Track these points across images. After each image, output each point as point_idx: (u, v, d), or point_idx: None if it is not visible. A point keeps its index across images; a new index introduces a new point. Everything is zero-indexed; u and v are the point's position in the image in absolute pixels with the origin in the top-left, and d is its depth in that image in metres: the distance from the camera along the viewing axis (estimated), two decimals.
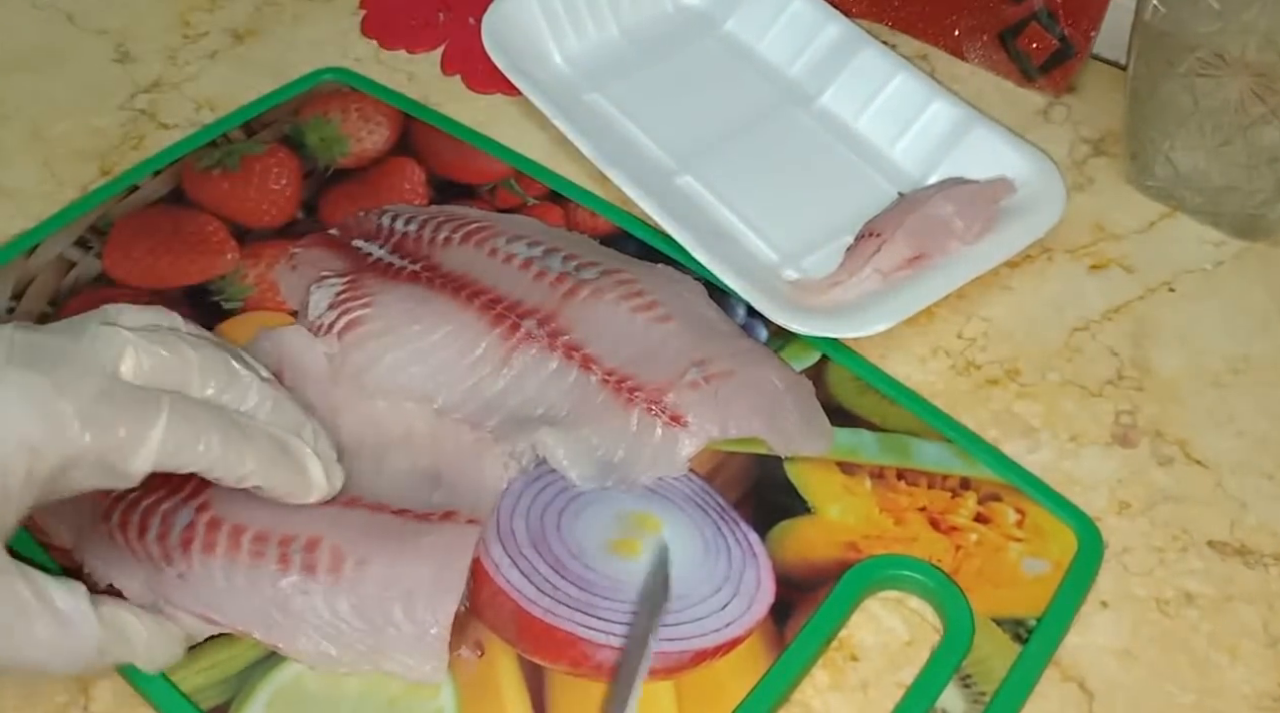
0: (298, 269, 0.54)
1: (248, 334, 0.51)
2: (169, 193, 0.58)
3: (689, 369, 0.48)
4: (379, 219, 0.56)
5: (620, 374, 0.48)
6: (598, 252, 0.54)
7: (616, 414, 0.47)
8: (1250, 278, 0.55)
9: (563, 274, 0.51)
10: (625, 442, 0.47)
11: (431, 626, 0.41)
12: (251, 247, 0.56)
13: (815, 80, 0.62)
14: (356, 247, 0.55)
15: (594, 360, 0.48)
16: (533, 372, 0.48)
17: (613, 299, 0.50)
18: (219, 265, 0.55)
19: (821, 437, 0.48)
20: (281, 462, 0.41)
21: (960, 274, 0.52)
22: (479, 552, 0.44)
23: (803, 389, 0.49)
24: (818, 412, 0.49)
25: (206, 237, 0.56)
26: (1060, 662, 0.43)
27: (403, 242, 0.54)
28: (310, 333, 0.51)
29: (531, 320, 0.50)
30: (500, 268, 0.52)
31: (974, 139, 0.57)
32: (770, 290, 0.52)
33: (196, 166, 0.59)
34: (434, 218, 0.55)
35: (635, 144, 0.60)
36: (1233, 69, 0.52)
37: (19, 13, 0.69)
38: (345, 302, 0.51)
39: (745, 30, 0.65)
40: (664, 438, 0.47)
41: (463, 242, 0.53)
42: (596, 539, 0.45)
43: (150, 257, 0.55)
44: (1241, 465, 0.48)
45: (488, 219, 0.55)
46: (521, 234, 0.54)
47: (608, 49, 0.64)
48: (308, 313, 0.51)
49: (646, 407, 0.47)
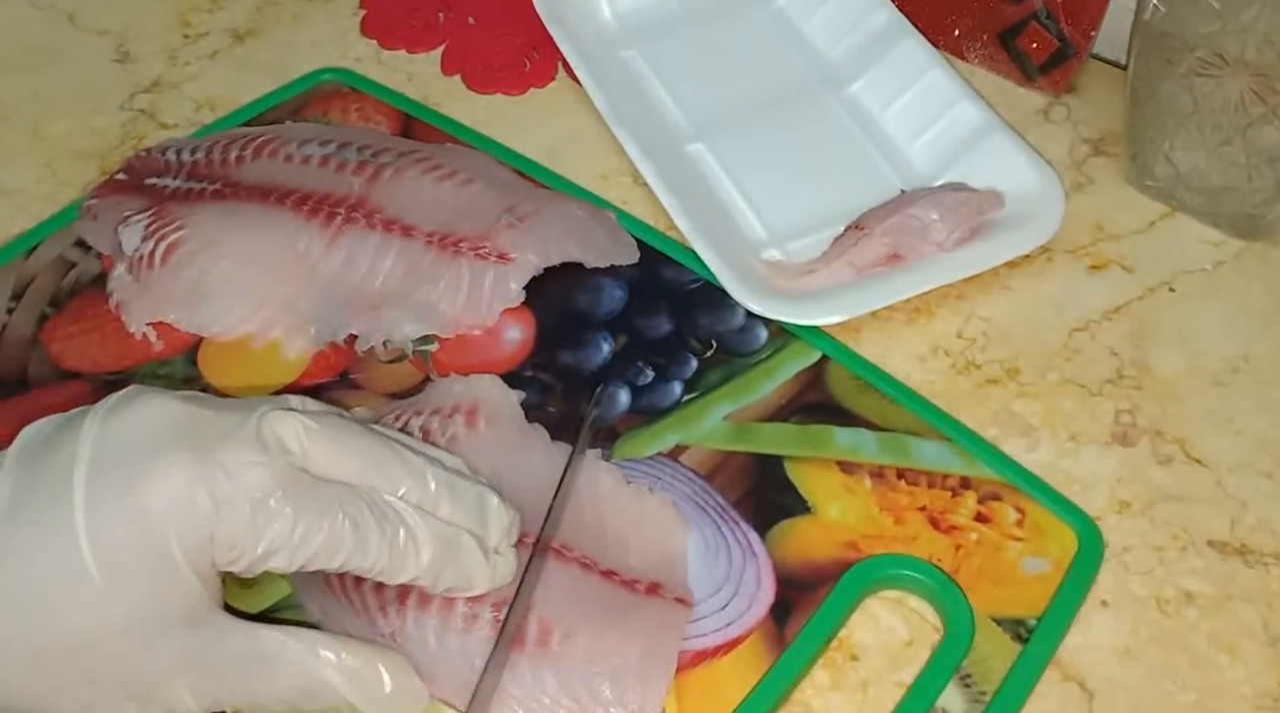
0: (99, 218, 0.55)
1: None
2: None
3: (502, 216, 0.52)
4: (163, 156, 0.57)
5: (441, 233, 0.52)
6: (388, 139, 0.58)
7: (448, 268, 0.51)
8: (1250, 278, 0.55)
9: (361, 162, 0.54)
10: (464, 289, 0.51)
11: (642, 708, 0.40)
12: None
13: (852, 66, 0.62)
14: (150, 183, 0.56)
15: (413, 228, 0.52)
16: (360, 250, 0.51)
17: (415, 174, 0.53)
18: None
19: (628, 250, 0.54)
20: (447, 563, 0.39)
21: (929, 279, 0.52)
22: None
23: (605, 217, 0.55)
24: (622, 232, 0.54)
25: None
26: (1060, 661, 0.43)
27: (195, 168, 0.56)
28: (130, 271, 0.51)
29: (343, 207, 0.52)
30: (299, 169, 0.54)
31: (990, 146, 0.57)
32: (741, 266, 0.53)
33: None
34: (219, 141, 0.57)
35: (657, 105, 0.61)
36: (1233, 69, 0.52)
37: (19, 13, 0.69)
38: (157, 230, 0.52)
39: (796, 7, 0.65)
40: (497, 277, 0.51)
41: (255, 155, 0.55)
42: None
43: None
44: (1241, 465, 0.48)
45: (272, 130, 0.57)
46: (310, 137, 0.56)
47: (658, 8, 0.65)
48: (122, 253, 0.52)
49: (475, 255, 0.51)
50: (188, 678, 0.36)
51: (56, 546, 0.34)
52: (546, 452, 0.47)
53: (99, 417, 0.36)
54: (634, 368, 0.51)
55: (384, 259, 0.51)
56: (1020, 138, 0.57)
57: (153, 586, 0.35)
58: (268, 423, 0.37)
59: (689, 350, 0.51)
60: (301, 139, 0.55)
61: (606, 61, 0.62)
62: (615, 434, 0.48)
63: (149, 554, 0.35)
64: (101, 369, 0.51)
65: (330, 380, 0.50)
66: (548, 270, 0.52)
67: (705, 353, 0.51)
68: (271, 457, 0.36)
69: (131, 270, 0.52)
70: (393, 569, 0.38)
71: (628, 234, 0.55)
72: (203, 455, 0.35)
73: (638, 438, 0.48)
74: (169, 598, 0.35)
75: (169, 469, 0.35)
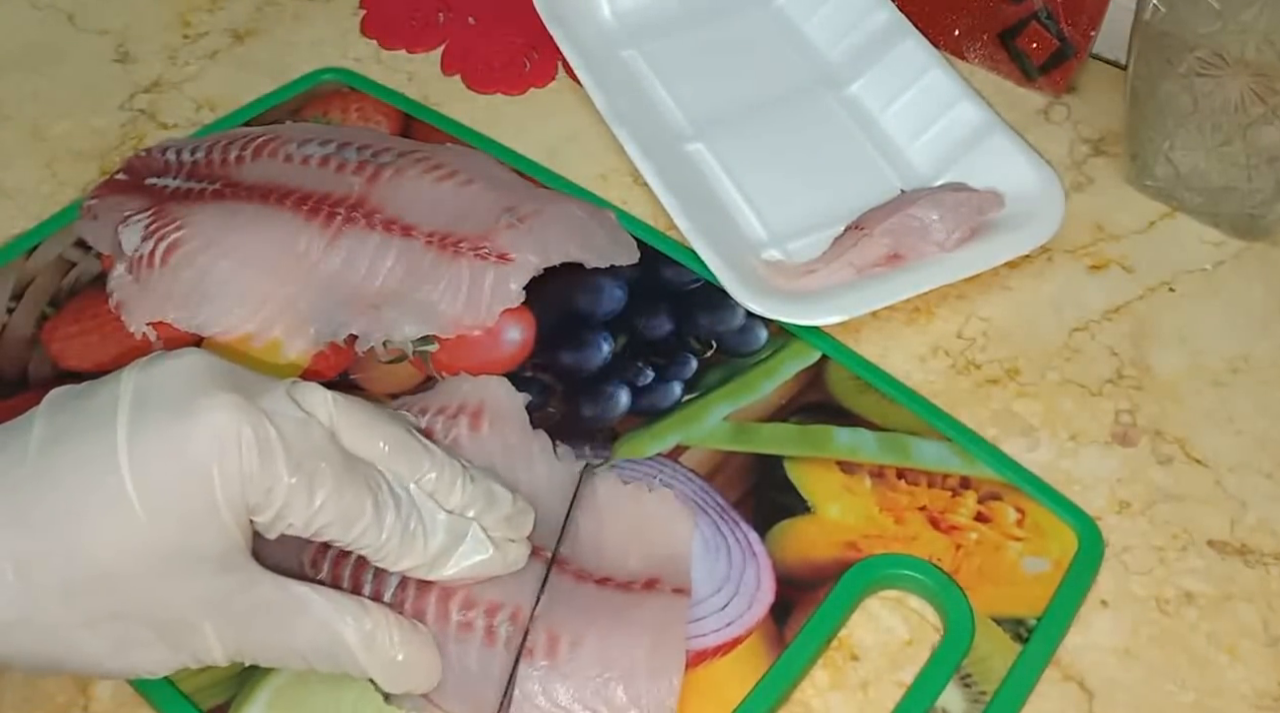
0: (99, 218, 0.55)
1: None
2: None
3: (502, 215, 0.52)
4: (163, 156, 0.57)
5: (441, 234, 0.52)
6: (388, 139, 0.58)
7: (448, 268, 0.51)
8: (1250, 278, 0.55)
9: (361, 162, 0.54)
10: (464, 290, 0.50)
11: (660, 705, 0.40)
12: None
13: (852, 66, 0.62)
14: (150, 183, 0.56)
15: (413, 228, 0.52)
16: (360, 250, 0.51)
17: (415, 174, 0.53)
18: None
19: (628, 250, 0.53)
20: (453, 554, 0.39)
21: (929, 279, 0.52)
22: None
23: (604, 216, 0.54)
24: (622, 232, 0.54)
25: None
26: (1060, 661, 0.43)
27: (195, 168, 0.55)
28: (130, 271, 0.51)
29: (343, 207, 0.52)
30: (299, 169, 0.54)
31: (990, 146, 0.57)
32: (740, 266, 0.53)
33: None
34: (219, 141, 0.56)
35: (656, 105, 0.61)
36: (1233, 69, 0.52)
37: (19, 13, 0.69)
38: (157, 230, 0.52)
39: (796, 7, 0.65)
40: (497, 277, 0.50)
41: (255, 155, 0.55)
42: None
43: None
44: (1241, 465, 0.48)
45: (271, 130, 0.57)
46: (310, 136, 0.56)
47: (658, 8, 0.65)
48: (122, 253, 0.52)
49: (475, 255, 0.51)
50: (215, 622, 0.36)
51: (98, 478, 0.34)
52: (548, 458, 0.47)
53: (137, 367, 0.37)
54: (634, 368, 0.51)
55: (384, 259, 0.51)
56: (1020, 138, 0.57)
57: (191, 522, 0.35)
58: (298, 391, 0.37)
59: (689, 351, 0.51)
60: (301, 139, 0.55)
61: (606, 61, 0.62)
62: (615, 435, 0.48)
63: (191, 490, 0.35)
64: (102, 369, 0.50)
65: (330, 381, 0.50)
66: (548, 270, 0.52)
67: (705, 353, 0.51)
68: (308, 416, 0.37)
69: (131, 270, 0.52)
70: (400, 553, 0.38)
71: (628, 234, 0.55)
72: (249, 399, 0.36)
73: (638, 439, 0.48)
74: (205, 537, 0.35)
75: (215, 407, 0.35)
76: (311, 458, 0.36)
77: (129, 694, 0.42)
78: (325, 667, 0.38)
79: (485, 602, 0.41)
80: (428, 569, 0.39)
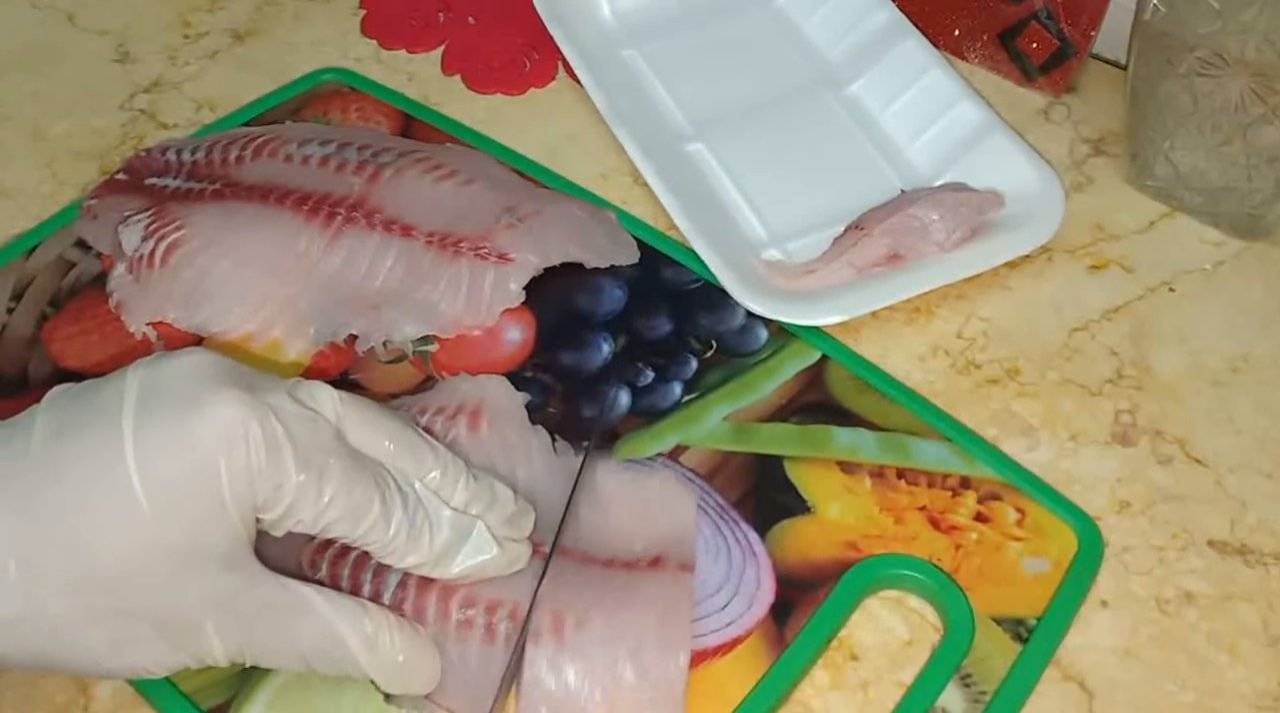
0: (99, 218, 0.55)
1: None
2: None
3: (502, 215, 0.52)
4: (163, 156, 0.57)
5: (441, 234, 0.52)
6: (388, 139, 0.58)
7: (448, 268, 0.51)
8: (1250, 277, 0.55)
9: (361, 162, 0.54)
10: (464, 290, 0.50)
11: (669, 681, 0.40)
12: None
13: (852, 66, 0.62)
14: (151, 183, 0.56)
15: (413, 228, 0.52)
16: (360, 250, 0.51)
17: (415, 174, 0.53)
18: None
19: (628, 250, 0.53)
20: (457, 552, 0.39)
21: (929, 279, 0.52)
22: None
23: (604, 216, 0.54)
24: (622, 232, 0.54)
25: None
26: (1060, 661, 0.43)
27: (195, 168, 0.55)
28: (130, 271, 0.51)
29: (343, 207, 0.52)
30: (299, 169, 0.54)
31: (990, 146, 0.57)
32: (740, 266, 0.53)
33: None
34: (219, 141, 0.56)
35: (656, 105, 0.61)
36: (1233, 69, 0.52)
37: (19, 13, 0.69)
38: (157, 230, 0.52)
39: (796, 6, 0.65)
40: (497, 277, 0.50)
41: (255, 155, 0.55)
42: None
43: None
44: (1241, 465, 0.48)
45: (271, 130, 0.57)
46: (310, 136, 0.56)
47: (658, 8, 0.65)
48: (122, 253, 0.52)
49: (475, 255, 0.51)
50: (218, 621, 0.36)
51: (103, 471, 0.34)
52: (547, 455, 0.47)
53: (143, 365, 0.37)
54: (634, 368, 0.51)
55: (384, 259, 0.51)
56: (1020, 138, 0.57)
57: (197, 519, 0.35)
58: (304, 389, 0.38)
59: (689, 351, 0.51)
60: (301, 139, 0.55)
61: (606, 61, 0.62)
62: (615, 435, 0.48)
63: (197, 485, 0.35)
64: (101, 369, 0.51)
65: (331, 380, 0.50)
66: (548, 270, 0.52)
67: (705, 353, 0.51)
68: (315, 413, 0.37)
69: (131, 270, 0.52)
70: (406, 549, 0.38)
71: (628, 234, 0.55)
72: (255, 395, 0.36)
73: (638, 439, 0.48)
74: (211, 534, 0.35)
75: (222, 403, 0.35)
76: (320, 455, 0.36)
77: (129, 694, 0.42)
78: (326, 668, 0.38)
79: (485, 599, 0.41)
80: (432, 566, 0.39)
